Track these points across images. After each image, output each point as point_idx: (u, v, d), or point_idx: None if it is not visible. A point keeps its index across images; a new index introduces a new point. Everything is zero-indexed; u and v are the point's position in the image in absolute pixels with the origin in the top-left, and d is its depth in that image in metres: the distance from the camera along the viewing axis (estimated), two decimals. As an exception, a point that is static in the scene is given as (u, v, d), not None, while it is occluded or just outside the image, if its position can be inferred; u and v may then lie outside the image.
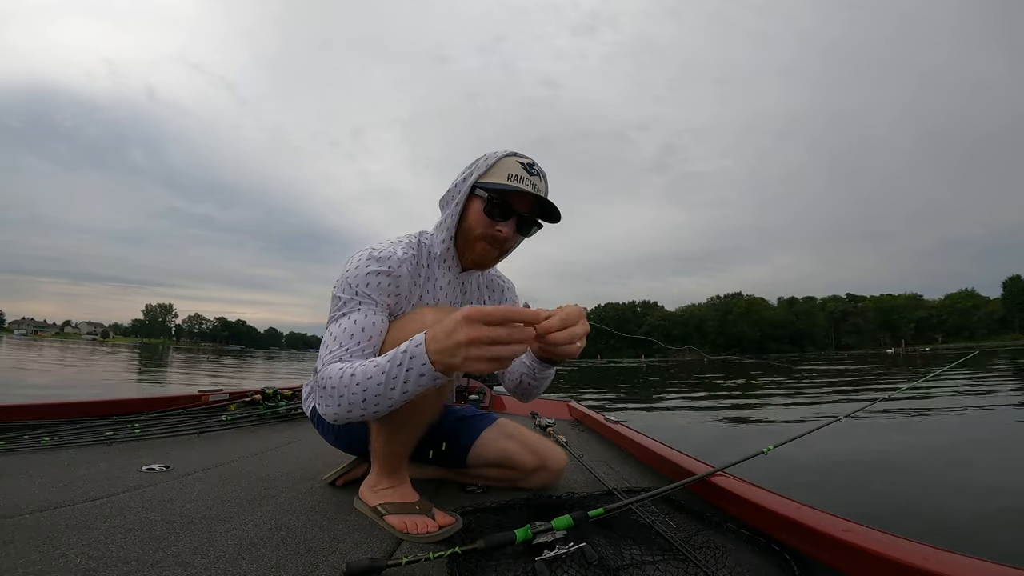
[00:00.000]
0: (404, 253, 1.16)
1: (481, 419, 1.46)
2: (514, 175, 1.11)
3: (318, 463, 1.65)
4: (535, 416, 2.57)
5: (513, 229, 1.16)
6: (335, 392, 0.96)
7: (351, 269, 1.11)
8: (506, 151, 1.16)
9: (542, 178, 1.16)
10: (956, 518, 2.29)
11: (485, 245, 1.16)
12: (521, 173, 1.12)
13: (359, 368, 0.94)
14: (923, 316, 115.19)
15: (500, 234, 1.14)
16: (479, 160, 1.16)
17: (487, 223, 1.14)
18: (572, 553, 0.91)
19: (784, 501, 1.04)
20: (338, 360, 1.02)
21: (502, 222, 1.14)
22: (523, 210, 1.15)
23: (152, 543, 0.96)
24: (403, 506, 1.13)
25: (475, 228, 1.16)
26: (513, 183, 1.11)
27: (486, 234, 1.15)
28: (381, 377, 0.91)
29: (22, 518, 1.05)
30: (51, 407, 2.19)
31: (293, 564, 0.90)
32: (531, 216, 1.17)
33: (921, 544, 0.78)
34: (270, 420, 2.58)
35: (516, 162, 1.13)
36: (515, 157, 1.14)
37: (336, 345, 1.03)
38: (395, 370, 0.89)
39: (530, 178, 1.13)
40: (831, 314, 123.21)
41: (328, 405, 0.99)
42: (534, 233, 1.21)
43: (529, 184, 1.12)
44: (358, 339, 1.04)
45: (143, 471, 1.48)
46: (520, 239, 1.21)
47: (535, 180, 1.14)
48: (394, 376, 0.89)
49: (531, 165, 1.14)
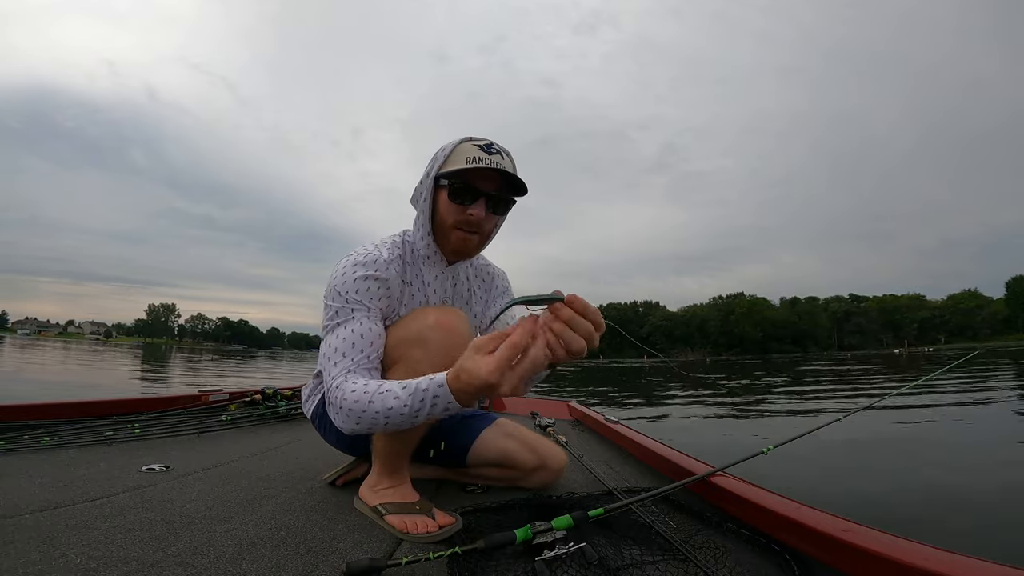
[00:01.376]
0: (390, 254, 1.16)
1: (481, 419, 1.46)
2: (472, 157, 1.10)
3: (318, 463, 1.65)
4: (535, 416, 2.57)
5: (484, 210, 1.13)
6: (352, 414, 0.98)
7: (338, 276, 1.11)
8: (462, 138, 1.15)
9: (504, 155, 1.14)
10: (956, 518, 2.29)
11: (460, 233, 1.15)
12: (479, 154, 1.10)
13: (378, 398, 0.95)
14: (926, 316, 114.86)
15: (472, 217, 1.13)
16: (437, 152, 1.16)
17: (457, 210, 1.13)
18: (572, 553, 0.91)
19: (784, 501, 1.04)
20: (347, 373, 1.03)
21: (471, 205, 1.13)
22: (490, 189, 1.13)
23: (152, 543, 0.96)
24: (403, 506, 1.13)
25: (447, 218, 1.15)
26: (473, 164, 1.09)
27: (458, 221, 1.14)
28: (404, 410, 0.92)
29: (22, 518, 1.06)
30: (51, 407, 2.19)
31: (293, 564, 0.90)
32: (500, 194, 1.15)
33: (921, 544, 0.77)
34: (270, 420, 2.58)
35: (472, 145, 1.12)
36: (471, 141, 1.14)
37: (340, 357, 1.04)
38: (417, 404, 0.91)
39: (490, 157, 1.11)
40: (834, 314, 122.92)
41: (345, 422, 1.01)
42: (509, 210, 1.20)
43: (490, 163, 1.10)
44: (360, 347, 1.05)
45: (143, 471, 1.48)
46: (496, 219, 1.20)
47: (496, 158, 1.11)
48: (416, 410, 0.92)
49: (489, 145, 1.13)
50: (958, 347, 72.28)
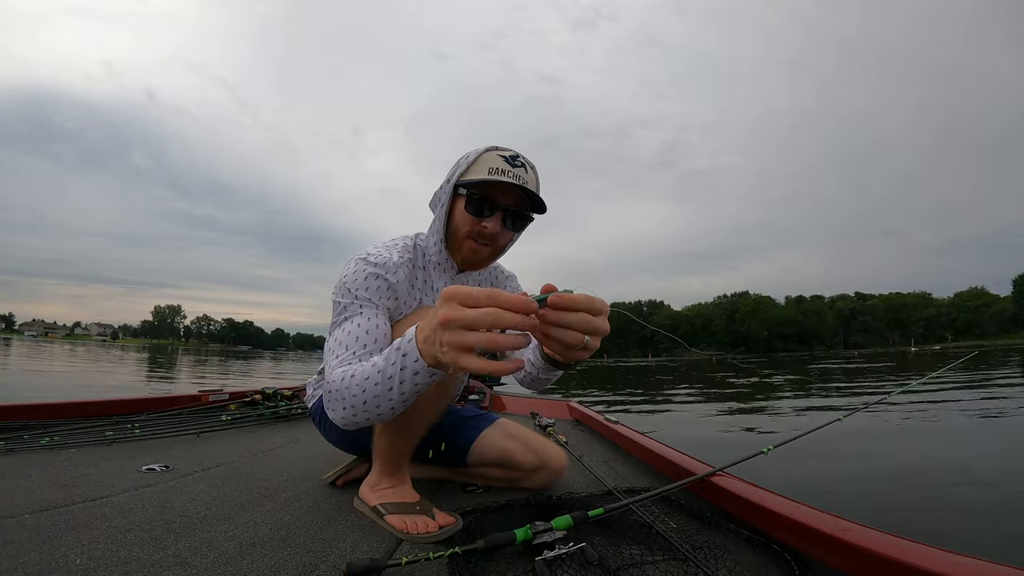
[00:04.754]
0: (400, 258, 1.15)
1: (481, 419, 1.46)
2: (495, 168, 1.07)
3: (318, 463, 1.65)
4: (535, 416, 2.57)
5: (499, 224, 1.11)
6: (339, 395, 0.94)
7: (348, 274, 1.10)
8: (487, 146, 1.13)
9: (528, 169, 1.11)
10: (956, 518, 2.28)
11: (473, 244, 1.14)
12: (502, 166, 1.08)
13: (359, 369, 0.92)
14: (932, 314, 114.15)
15: (485, 230, 1.11)
16: (460, 159, 1.14)
17: (471, 221, 1.11)
18: (572, 553, 0.90)
19: (784, 501, 1.04)
20: (345, 364, 1.00)
21: (487, 218, 1.11)
22: (508, 203, 1.11)
23: (152, 543, 0.96)
24: (403, 506, 1.13)
25: (461, 227, 1.13)
26: (495, 177, 1.07)
27: (472, 232, 1.12)
28: (378, 376, 0.86)
29: (22, 518, 1.06)
30: (51, 407, 2.19)
31: (293, 564, 0.90)
32: (518, 209, 1.13)
33: (921, 544, 0.77)
34: (270, 420, 2.59)
35: (497, 155, 1.10)
36: (496, 151, 1.11)
37: (342, 350, 1.02)
38: (390, 369, 0.84)
39: (513, 170, 1.08)
40: (840, 313, 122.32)
41: (335, 410, 0.97)
42: (525, 227, 1.17)
43: (512, 176, 1.07)
44: (364, 342, 1.03)
45: (143, 471, 1.49)
46: (511, 235, 1.17)
47: (519, 172, 1.08)
48: (390, 376, 0.84)
49: (514, 157, 1.10)
50: (966, 345, 71.79)
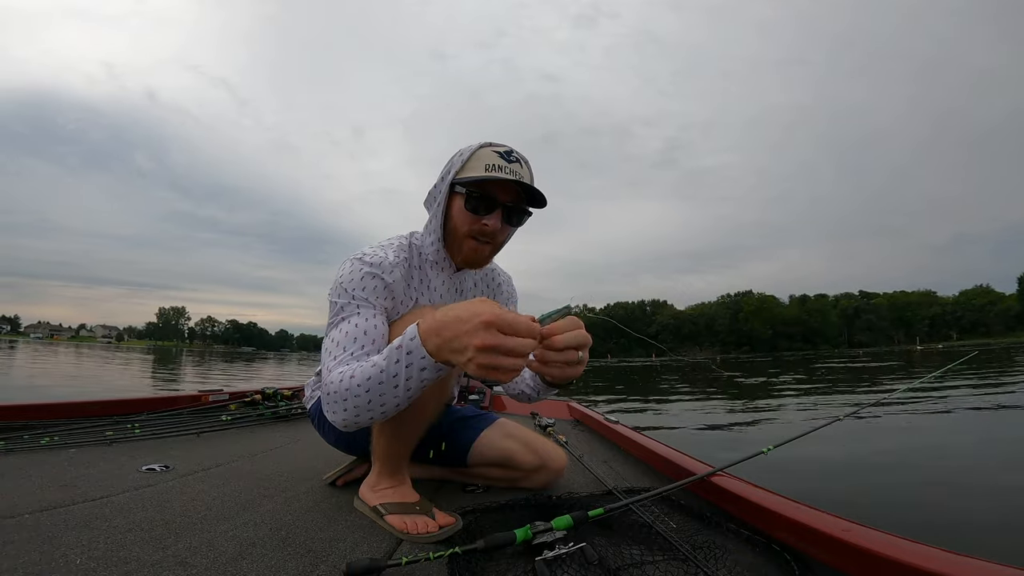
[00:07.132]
0: (395, 257, 1.14)
1: (481, 419, 1.45)
2: (491, 165, 1.07)
3: (318, 463, 1.65)
4: (535, 416, 2.57)
5: (500, 221, 1.11)
6: (339, 396, 0.93)
7: (344, 274, 1.10)
8: (481, 143, 1.12)
9: (523, 164, 1.11)
10: (957, 518, 2.26)
11: (473, 243, 1.13)
12: (499, 162, 1.07)
13: (358, 369, 0.92)
14: (937, 313, 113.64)
15: (487, 228, 1.11)
16: (455, 156, 1.13)
17: (471, 219, 1.11)
18: (572, 553, 0.90)
19: (784, 501, 1.03)
20: (343, 365, 0.99)
21: (487, 216, 1.10)
22: (507, 200, 1.11)
23: (152, 543, 0.96)
24: (403, 506, 1.13)
25: (460, 227, 1.13)
26: (492, 173, 1.06)
27: (472, 230, 1.12)
28: (381, 376, 0.87)
29: (22, 518, 1.06)
30: (51, 407, 2.19)
31: (293, 564, 0.90)
32: (517, 205, 1.12)
33: (921, 544, 0.77)
34: (270, 420, 2.59)
35: (492, 152, 1.09)
36: (491, 147, 1.10)
37: (340, 350, 1.01)
38: (393, 367, 0.85)
39: (509, 166, 1.07)
40: (844, 311, 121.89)
41: (335, 412, 0.95)
42: (524, 222, 1.17)
43: (509, 172, 1.07)
44: (361, 343, 1.02)
45: (143, 471, 1.49)
46: (511, 230, 1.17)
47: (515, 167, 1.08)
48: (394, 374, 0.86)
49: (508, 152, 1.09)
50: (971, 344, 71.39)
